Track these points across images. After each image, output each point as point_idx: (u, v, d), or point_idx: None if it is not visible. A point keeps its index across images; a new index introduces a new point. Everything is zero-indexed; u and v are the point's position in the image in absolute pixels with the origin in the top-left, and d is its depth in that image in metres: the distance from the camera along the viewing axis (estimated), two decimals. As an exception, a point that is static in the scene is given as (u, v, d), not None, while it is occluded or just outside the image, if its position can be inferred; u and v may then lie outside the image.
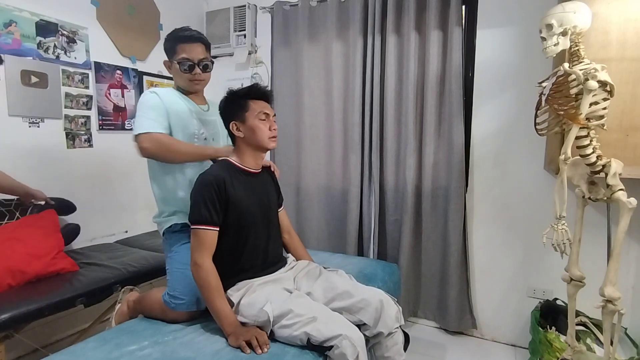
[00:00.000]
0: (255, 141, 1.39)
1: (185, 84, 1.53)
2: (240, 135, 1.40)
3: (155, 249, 2.10)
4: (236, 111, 1.39)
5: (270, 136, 1.40)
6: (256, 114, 1.38)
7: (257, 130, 1.38)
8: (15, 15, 1.88)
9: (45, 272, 1.68)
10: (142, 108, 1.46)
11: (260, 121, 1.38)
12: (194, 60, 1.50)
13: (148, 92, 1.49)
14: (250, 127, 1.38)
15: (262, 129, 1.38)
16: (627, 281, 1.89)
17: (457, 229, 2.19)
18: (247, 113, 1.38)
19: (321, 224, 2.61)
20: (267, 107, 1.42)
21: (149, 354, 1.16)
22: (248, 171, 1.43)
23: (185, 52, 1.48)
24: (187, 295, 1.39)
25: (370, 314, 1.26)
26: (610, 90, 1.31)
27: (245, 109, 1.38)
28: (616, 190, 1.34)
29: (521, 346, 2.15)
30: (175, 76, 1.55)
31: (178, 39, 1.50)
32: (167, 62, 1.55)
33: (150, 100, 1.46)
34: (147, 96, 1.48)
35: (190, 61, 1.49)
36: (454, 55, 2.12)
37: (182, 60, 1.48)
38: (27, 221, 1.82)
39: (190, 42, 1.50)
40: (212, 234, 1.30)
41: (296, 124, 2.63)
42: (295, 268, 1.51)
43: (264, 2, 2.73)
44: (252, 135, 1.38)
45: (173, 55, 1.51)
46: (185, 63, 1.48)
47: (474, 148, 2.21)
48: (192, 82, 1.52)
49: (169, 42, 1.52)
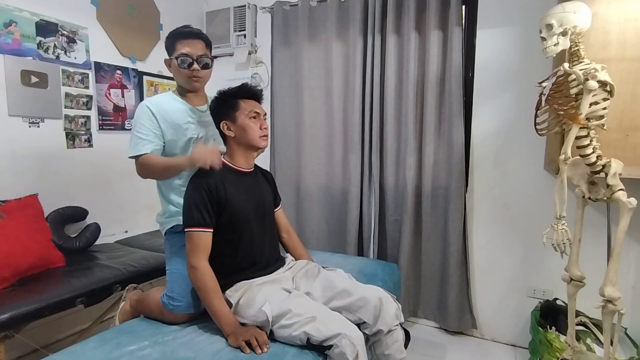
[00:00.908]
0: (246, 140, 1.40)
1: (184, 81, 1.52)
2: (231, 134, 1.40)
3: (155, 249, 2.10)
4: (226, 110, 1.39)
5: (261, 135, 1.40)
6: (246, 112, 1.38)
7: (247, 129, 1.38)
8: (15, 15, 1.88)
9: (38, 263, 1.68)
10: (134, 124, 1.47)
11: (250, 119, 1.38)
12: (193, 56, 1.48)
13: (141, 105, 1.48)
14: (240, 126, 1.38)
15: (252, 127, 1.38)
16: (627, 281, 1.89)
17: (457, 229, 2.19)
18: (238, 112, 1.38)
19: (321, 224, 2.61)
20: (257, 106, 1.43)
21: (149, 354, 1.16)
22: (239, 170, 1.43)
23: (184, 48, 1.47)
24: (185, 297, 1.39)
25: (370, 312, 1.27)
26: (610, 90, 1.30)
27: (236, 108, 1.39)
28: (616, 190, 1.34)
29: (521, 346, 2.15)
30: (174, 74, 1.54)
31: (178, 35, 1.50)
32: (168, 60, 1.54)
33: (142, 115, 1.45)
34: (140, 110, 1.47)
35: (189, 57, 1.47)
36: (454, 55, 2.12)
37: (181, 56, 1.47)
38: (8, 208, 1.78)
39: (190, 38, 1.49)
40: (206, 235, 1.30)
41: (296, 124, 2.63)
42: (294, 268, 1.51)
43: (264, 2, 2.73)
44: (243, 134, 1.39)
45: (172, 52, 1.50)
46: (184, 59, 1.47)
47: (474, 148, 2.21)
48: (191, 79, 1.50)
49: (169, 39, 1.52)
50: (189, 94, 1.56)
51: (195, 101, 1.57)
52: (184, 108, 1.53)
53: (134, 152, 1.44)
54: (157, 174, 1.48)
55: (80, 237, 2.08)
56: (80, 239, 2.07)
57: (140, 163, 1.44)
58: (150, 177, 1.50)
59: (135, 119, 1.47)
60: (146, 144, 1.43)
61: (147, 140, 1.44)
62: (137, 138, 1.44)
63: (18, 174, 1.91)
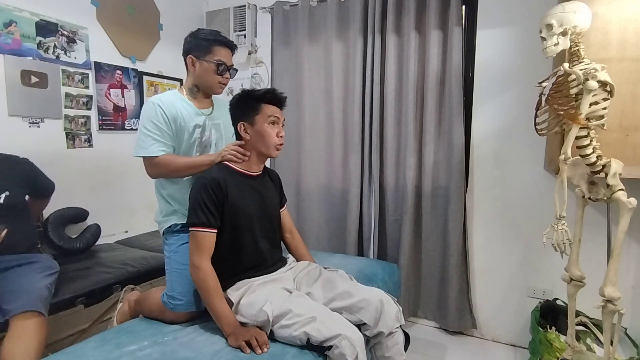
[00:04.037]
0: (260, 146, 1.39)
1: (210, 85, 1.53)
2: (246, 137, 1.39)
3: (155, 249, 2.10)
4: (247, 112, 1.39)
5: (277, 143, 1.40)
6: (266, 117, 1.37)
7: (264, 135, 1.37)
8: (15, 15, 1.88)
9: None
10: (144, 122, 1.45)
11: (269, 125, 1.37)
12: (228, 65, 1.53)
13: (151, 104, 1.46)
14: (258, 131, 1.38)
15: (270, 134, 1.38)
16: (627, 281, 1.89)
17: (457, 229, 2.19)
18: (258, 116, 1.37)
19: (321, 224, 2.61)
20: (278, 112, 1.41)
21: (149, 354, 1.16)
22: (246, 174, 1.43)
23: (222, 55, 1.51)
24: (185, 296, 1.39)
25: (371, 313, 1.26)
26: (610, 90, 1.30)
27: (257, 111, 1.38)
28: (616, 190, 1.34)
29: (521, 346, 2.15)
30: (200, 74, 1.51)
31: (216, 41, 1.51)
32: (193, 58, 1.51)
33: (154, 114, 1.44)
34: (150, 109, 1.45)
35: (225, 65, 1.52)
36: (454, 55, 2.12)
37: (219, 62, 1.50)
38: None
39: (227, 47, 1.54)
40: (210, 236, 1.30)
41: (296, 124, 2.63)
42: (295, 268, 1.51)
43: (264, 2, 2.73)
44: (258, 139, 1.38)
45: (207, 54, 1.49)
46: (222, 65, 1.51)
47: (474, 148, 2.21)
48: (219, 84, 1.54)
49: (204, 40, 1.50)
50: (199, 96, 1.56)
51: (203, 104, 1.57)
52: (192, 110, 1.52)
53: (146, 152, 1.43)
54: (177, 173, 1.48)
55: (80, 238, 2.08)
56: (80, 239, 2.08)
57: (155, 163, 1.44)
58: (164, 177, 1.50)
59: (146, 118, 1.45)
60: (161, 145, 1.44)
61: (162, 142, 1.44)
62: (149, 138, 1.43)
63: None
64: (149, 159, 1.44)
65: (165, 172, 1.47)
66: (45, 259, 1.59)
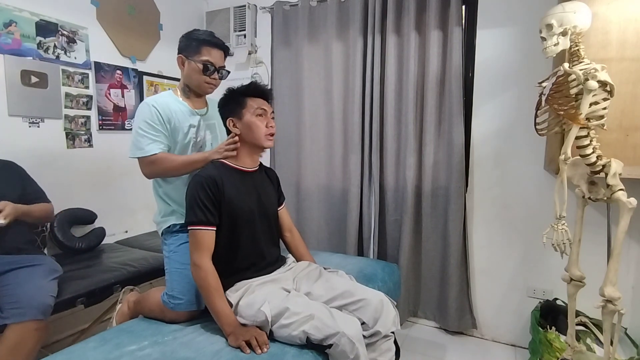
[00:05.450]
0: (251, 138, 1.40)
1: (198, 85, 1.53)
2: (236, 131, 1.40)
3: (155, 249, 2.10)
4: (234, 108, 1.40)
5: (267, 133, 1.40)
6: (253, 110, 1.38)
7: (253, 127, 1.38)
8: (15, 15, 1.88)
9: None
10: (138, 124, 1.46)
11: (256, 117, 1.38)
12: (216, 66, 1.52)
13: (146, 105, 1.47)
14: (246, 124, 1.38)
15: (258, 125, 1.38)
16: (627, 281, 1.89)
17: (457, 229, 2.19)
18: (244, 110, 1.38)
19: (321, 224, 2.61)
20: (264, 104, 1.42)
21: (149, 354, 1.16)
22: (242, 170, 1.43)
23: (211, 56, 1.50)
24: (185, 295, 1.39)
25: (370, 313, 1.26)
26: (610, 90, 1.30)
27: (243, 105, 1.39)
28: (616, 190, 1.34)
29: (521, 346, 2.15)
30: (188, 74, 1.52)
31: (206, 41, 1.50)
32: (183, 58, 1.52)
33: (149, 115, 1.45)
34: (145, 110, 1.46)
35: (213, 65, 1.51)
36: (454, 55, 2.12)
37: (206, 63, 1.49)
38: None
39: (217, 48, 1.53)
40: (209, 234, 1.30)
41: (296, 124, 2.63)
42: (295, 269, 1.51)
43: (264, 2, 2.73)
44: (248, 132, 1.39)
45: (195, 54, 1.49)
46: (208, 66, 1.50)
47: (474, 148, 2.21)
48: (207, 84, 1.53)
49: (195, 40, 1.50)
50: (192, 96, 1.56)
51: (197, 104, 1.57)
52: (186, 110, 1.53)
53: (142, 152, 1.44)
54: (172, 171, 1.48)
55: (84, 239, 2.09)
56: (83, 240, 2.08)
57: (151, 161, 1.44)
58: (160, 176, 1.50)
59: (140, 119, 1.46)
60: (157, 144, 1.44)
61: (158, 142, 1.45)
62: (145, 138, 1.44)
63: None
64: (145, 158, 1.44)
65: (161, 170, 1.47)
66: (49, 262, 1.59)
